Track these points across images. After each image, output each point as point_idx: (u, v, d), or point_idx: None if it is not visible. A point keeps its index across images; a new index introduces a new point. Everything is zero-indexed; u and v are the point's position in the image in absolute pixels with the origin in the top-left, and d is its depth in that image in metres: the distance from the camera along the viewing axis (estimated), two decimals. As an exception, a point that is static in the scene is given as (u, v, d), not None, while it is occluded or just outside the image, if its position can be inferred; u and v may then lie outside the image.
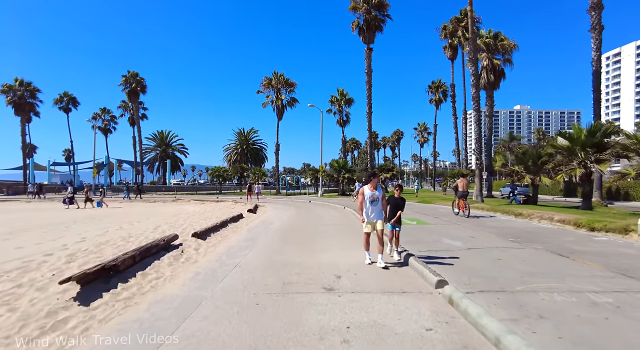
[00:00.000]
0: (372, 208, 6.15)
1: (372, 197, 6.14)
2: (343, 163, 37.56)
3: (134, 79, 45.48)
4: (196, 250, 7.68)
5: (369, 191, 6.16)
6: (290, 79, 40.39)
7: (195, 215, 16.17)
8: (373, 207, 6.15)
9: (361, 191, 6.29)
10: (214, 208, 20.98)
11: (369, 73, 31.66)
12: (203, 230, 9.46)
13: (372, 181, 6.23)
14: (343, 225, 12.24)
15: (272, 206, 21.69)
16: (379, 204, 6.19)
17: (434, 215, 14.89)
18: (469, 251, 7.30)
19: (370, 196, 6.14)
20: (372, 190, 6.16)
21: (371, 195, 6.14)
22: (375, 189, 6.17)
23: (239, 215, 14.15)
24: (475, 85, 20.76)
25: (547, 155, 18.43)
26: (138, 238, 8.86)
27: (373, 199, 6.15)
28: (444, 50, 38.50)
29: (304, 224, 12.66)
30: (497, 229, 10.60)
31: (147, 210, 19.30)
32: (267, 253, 7.36)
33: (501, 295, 4.47)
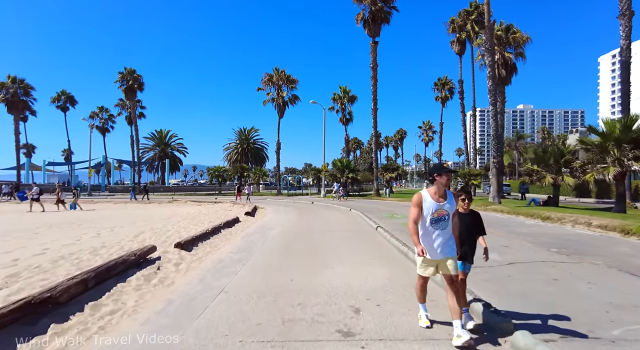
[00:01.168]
0: (438, 234, 3.30)
1: (438, 212, 3.29)
2: (347, 162, 36.12)
3: (131, 76, 44.12)
4: (176, 267, 6.27)
5: (432, 201, 3.32)
6: (292, 76, 39.02)
7: (188, 218, 14.78)
8: (439, 231, 3.30)
9: (416, 199, 3.40)
10: (209, 210, 19.59)
11: (374, 68, 30.18)
12: (189, 239, 8.04)
13: (440, 181, 3.34)
14: (352, 231, 10.81)
15: (272, 208, 20.29)
16: (448, 225, 3.33)
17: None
18: (510, 267, 5.88)
19: (434, 210, 3.29)
20: (439, 199, 3.32)
21: (437, 209, 3.29)
22: (443, 198, 3.34)
23: (235, 220, 12.75)
24: (492, 77, 19.31)
25: (570, 153, 16.96)
26: (111, 249, 7.46)
27: (439, 217, 3.29)
28: (451, 44, 36.96)
29: (307, 229, 11.24)
30: (530, 235, 9.16)
31: (136, 213, 17.92)
32: (263, 270, 5.94)
33: (598, 346, 3.05)
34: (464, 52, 37.03)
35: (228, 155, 60.47)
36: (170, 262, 6.55)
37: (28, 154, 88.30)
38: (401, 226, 10.98)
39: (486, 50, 19.26)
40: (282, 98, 38.61)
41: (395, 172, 39.51)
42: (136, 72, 44.54)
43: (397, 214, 15.33)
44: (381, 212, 16.13)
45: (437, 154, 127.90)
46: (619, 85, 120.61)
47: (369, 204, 22.44)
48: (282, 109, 38.89)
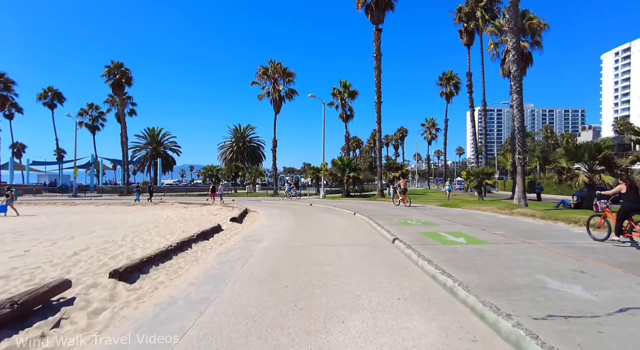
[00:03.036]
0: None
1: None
2: (347, 161, 33.75)
3: (119, 70, 41.56)
4: (91, 318, 3.90)
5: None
6: (289, 68, 36.58)
7: (162, 225, 12.41)
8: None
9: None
10: (193, 214, 17.21)
11: (377, 57, 27.77)
12: (134, 263, 5.64)
13: None
14: (362, 245, 8.45)
15: (265, 211, 17.92)
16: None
17: (478, 225, 11.13)
18: (624, 317, 3.54)
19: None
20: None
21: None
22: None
23: (215, 228, 10.34)
24: (517, 61, 16.98)
25: (609, 148, 14.65)
26: (8, 283, 5.06)
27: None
28: (459, 34, 34.61)
29: (304, 242, 8.87)
30: (603, 254, 6.80)
31: (107, 218, 15.51)
32: (231, 326, 3.57)
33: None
34: (472, 43, 34.74)
35: (223, 154, 58.08)
36: (87, 307, 4.18)
37: (18, 153, 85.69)
38: (423, 237, 8.62)
39: (509, 30, 16.91)
40: (279, 92, 36.19)
41: (399, 171, 37.17)
42: (124, 65, 42.00)
43: (410, 219, 13.00)
44: (391, 217, 13.81)
45: (437, 153, 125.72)
46: (622, 82, 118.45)
47: (374, 206, 20.11)
48: (279, 104, 36.45)
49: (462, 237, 8.84)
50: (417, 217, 13.61)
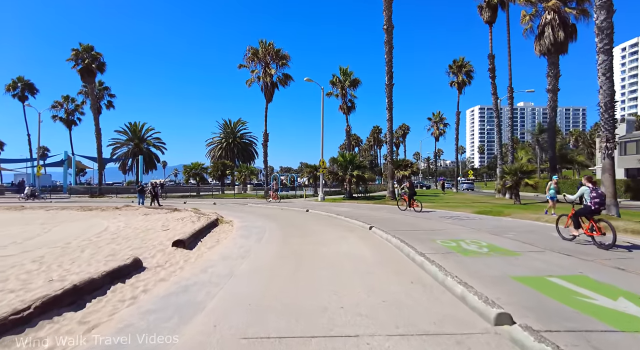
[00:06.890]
0: None
1: None
2: (350, 157, 28.81)
3: (88, 54, 36.24)
4: None
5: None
6: (283, 50, 31.59)
7: (78, 250, 7.42)
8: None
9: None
10: (144, 225, 12.20)
11: (388, 30, 22.87)
12: None
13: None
14: (436, 337, 3.52)
15: (242, 222, 12.99)
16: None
17: (523, 239, 6.27)
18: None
19: None
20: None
21: None
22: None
23: (134, 264, 5.36)
24: (606, 7, 12.16)
25: None
26: None
27: None
28: (479, 10, 29.78)
29: (294, 317, 3.95)
30: None
31: (15, 232, 10.38)
32: None
33: None
34: (494, 20, 29.93)
35: (211, 151, 52.95)
36: None
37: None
38: (535, 294, 3.69)
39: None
40: (270, 77, 31.19)
41: (408, 169, 32.34)
42: (95, 49, 36.75)
43: (462, 240, 8.13)
44: (425, 234, 9.00)
45: (438, 152, 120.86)
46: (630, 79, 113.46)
47: (389, 214, 15.22)
48: (271, 90, 31.47)
49: (621, 296, 3.97)
50: (469, 236, 8.75)
